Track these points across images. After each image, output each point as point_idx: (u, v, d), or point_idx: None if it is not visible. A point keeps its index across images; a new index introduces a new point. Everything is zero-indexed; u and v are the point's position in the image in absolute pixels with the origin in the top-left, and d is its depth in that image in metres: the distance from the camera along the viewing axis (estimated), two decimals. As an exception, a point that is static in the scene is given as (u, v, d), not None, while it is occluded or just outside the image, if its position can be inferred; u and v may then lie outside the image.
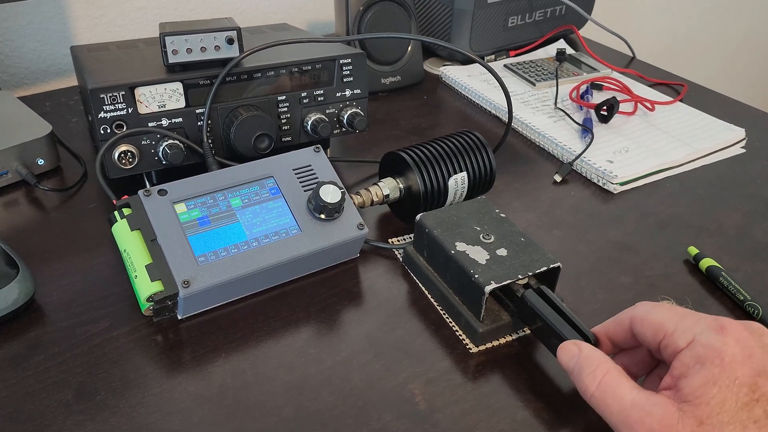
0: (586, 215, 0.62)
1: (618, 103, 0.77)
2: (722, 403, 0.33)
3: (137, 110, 0.54)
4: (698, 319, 0.37)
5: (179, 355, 0.45)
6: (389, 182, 0.57)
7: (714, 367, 0.34)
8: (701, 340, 0.35)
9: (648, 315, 0.39)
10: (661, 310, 0.38)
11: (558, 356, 0.40)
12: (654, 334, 0.38)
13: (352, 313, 0.49)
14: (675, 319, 0.37)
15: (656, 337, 0.38)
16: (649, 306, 0.39)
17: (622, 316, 0.41)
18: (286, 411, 0.41)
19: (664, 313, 0.38)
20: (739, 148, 0.75)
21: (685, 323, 0.37)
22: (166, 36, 0.54)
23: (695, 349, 0.35)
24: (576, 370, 0.39)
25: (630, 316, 0.40)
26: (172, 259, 0.46)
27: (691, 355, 0.35)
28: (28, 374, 0.43)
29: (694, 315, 0.37)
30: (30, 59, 0.85)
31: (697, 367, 0.34)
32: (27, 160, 0.62)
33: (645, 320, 0.39)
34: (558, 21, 0.98)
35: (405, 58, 0.85)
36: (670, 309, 0.38)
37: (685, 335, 0.36)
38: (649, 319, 0.38)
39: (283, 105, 0.60)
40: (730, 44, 1.81)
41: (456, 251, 0.48)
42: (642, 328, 0.39)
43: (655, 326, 0.38)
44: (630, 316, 0.40)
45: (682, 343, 0.36)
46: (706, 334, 0.35)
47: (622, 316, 0.41)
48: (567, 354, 0.40)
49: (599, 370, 0.37)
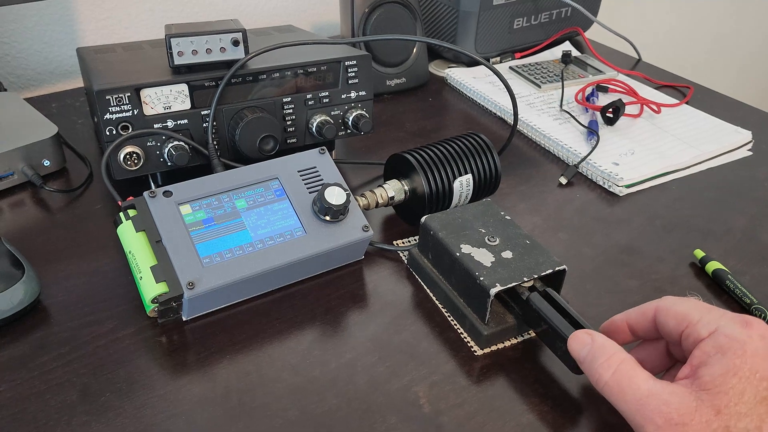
0: (591, 218, 0.62)
1: (624, 106, 0.76)
2: (741, 394, 0.33)
3: (143, 112, 0.54)
4: (723, 314, 0.37)
5: (184, 356, 0.45)
6: (394, 184, 0.57)
7: (736, 358, 0.34)
8: (725, 330, 0.35)
9: (674, 306, 0.39)
10: (687, 303, 0.39)
11: (569, 345, 0.40)
12: (677, 324, 0.38)
13: (356, 315, 0.49)
14: (700, 311, 0.38)
15: (679, 326, 0.38)
16: (675, 299, 0.40)
17: (647, 307, 0.41)
18: (291, 413, 0.41)
19: (689, 305, 0.38)
20: (745, 151, 0.74)
21: (710, 315, 0.37)
22: (171, 38, 0.54)
23: (718, 339, 0.35)
24: (588, 359, 0.38)
25: (655, 307, 0.40)
26: (177, 260, 0.46)
27: (713, 344, 0.35)
28: (33, 375, 0.43)
29: (719, 310, 0.38)
30: (36, 61, 0.85)
31: (719, 356, 0.34)
32: (33, 161, 0.62)
33: (670, 311, 0.39)
34: (563, 23, 0.98)
35: (410, 60, 0.85)
36: (696, 302, 0.39)
37: (709, 326, 0.36)
38: (674, 310, 0.39)
39: (289, 107, 0.60)
40: (737, 46, 1.80)
41: (461, 253, 0.48)
42: (666, 318, 0.39)
43: (680, 317, 0.38)
44: (655, 307, 0.40)
45: (705, 333, 0.36)
46: (730, 325, 0.35)
47: (647, 306, 0.41)
48: (579, 343, 0.40)
49: (614, 359, 0.37)
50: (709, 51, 1.75)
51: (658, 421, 0.34)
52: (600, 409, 0.42)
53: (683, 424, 0.33)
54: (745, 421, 0.32)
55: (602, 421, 0.41)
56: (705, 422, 0.33)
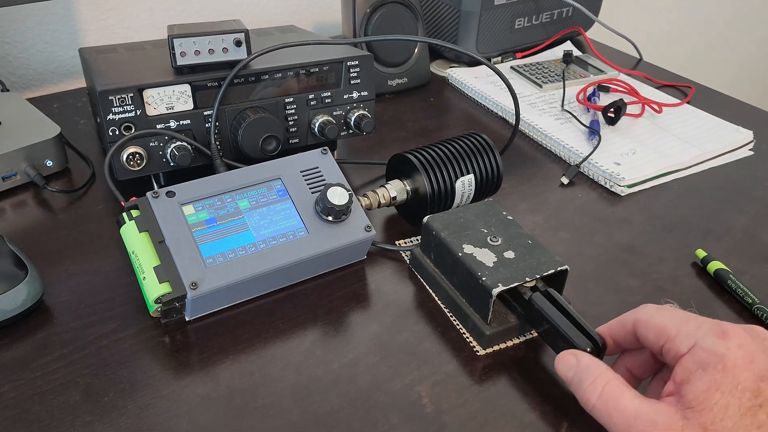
0: (593, 218, 0.62)
1: (625, 105, 0.76)
2: (725, 409, 0.33)
3: (145, 112, 0.54)
4: (700, 324, 0.36)
5: (187, 356, 0.45)
6: (396, 184, 0.57)
7: (716, 373, 0.34)
8: (703, 345, 0.35)
9: (651, 318, 0.38)
10: (664, 314, 0.38)
11: (556, 367, 0.40)
12: (656, 337, 0.38)
13: (359, 315, 0.49)
14: (677, 323, 0.37)
15: (658, 340, 0.37)
16: (652, 309, 0.39)
17: (626, 318, 0.41)
18: (293, 413, 0.41)
19: (666, 317, 0.38)
20: (747, 151, 0.74)
21: (688, 327, 0.36)
22: (174, 38, 0.54)
23: (697, 355, 0.35)
24: (575, 380, 0.39)
25: (633, 319, 0.40)
26: (179, 260, 0.46)
27: (693, 360, 0.35)
28: (36, 375, 0.43)
29: (696, 319, 0.37)
30: (38, 61, 0.85)
31: (700, 372, 0.34)
32: (35, 161, 0.62)
33: (648, 323, 0.38)
34: (565, 23, 0.98)
35: (412, 60, 0.85)
36: (672, 313, 0.38)
37: (687, 340, 0.36)
38: (652, 323, 0.38)
39: (291, 107, 0.60)
40: (738, 45, 1.80)
41: (463, 253, 0.48)
42: (645, 331, 0.39)
43: (658, 330, 0.38)
44: (633, 319, 0.40)
45: (684, 348, 0.36)
46: (708, 339, 0.35)
47: (626, 317, 0.41)
48: (565, 365, 0.40)
49: (599, 381, 0.37)
50: (711, 50, 1.75)
51: None
52: (602, 409, 0.42)
53: None
54: None
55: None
56: None
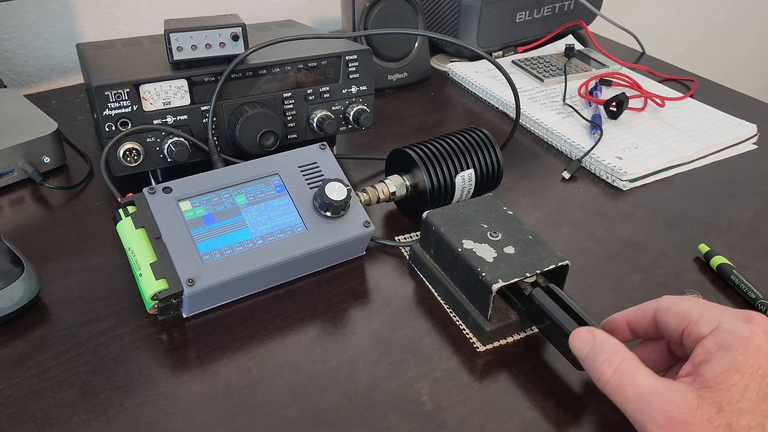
0: (594, 212, 0.61)
1: (627, 99, 0.76)
2: (743, 391, 0.32)
3: (142, 108, 0.54)
4: (725, 310, 0.36)
5: (184, 353, 0.45)
6: (396, 179, 0.57)
7: (738, 354, 0.33)
8: (727, 327, 0.35)
9: (674, 304, 0.39)
10: (687, 301, 0.38)
11: (570, 343, 0.40)
12: (678, 322, 0.38)
13: (358, 311, 0.49)
14: (701, 308, 0.37)
15: (680, 325, 0.37)
16: (675, 298, 0.39)
17: (646, 306, 0.40)
18: (292, 410, 0.41)
19: (690, 303, 0.38)
20: (750, 145, 0.74)
21: (711, 312, 0.36)
22: (170, 33, 0.54)
23: (720, 336, 0.35)
24: (590, 356, 0.38)
25: (654, 306, 0.40)
26: (176, 257, 0.46)
27: (715, 341, 0.35)
28: (33, 373, 0.43)
29: (720, 306, 0.37)
30: (36, 57, 0.85)
31: (721, 353, 0.34)
32: (33, 158, 0.62)
33: (670, 309, 0.38)
34: (566, 16, 0.97)
35: (412, 55, 0.84)
36: (696, 300, 0.38)
37: (710, 323, 0.36)
38: (674, 308, 0.38)
39: (289, 102, 0.60)
40: (742, 38, 1.79)
41: (463, 249, 0.47)
42: (666, 317, 0.39)
43: (681, 315, 0.38)
44: (654, 306, 0.40)
45: (706, 330, 0.36)
46: (732, 321, 0.35)
47: (646, 305, 0.40)
48: (581, 340, 0.39)
49: (615, 357, 0.37)
50: (714, 44, 1.74)
51: (660, 419, 0.33)
52: (603, 406, 0.42)
53: (685, 422, 0.33)
54: (748, 419, 0.32)
55: (605, 417, 0.41)
56: (707, 420, 0.32)
